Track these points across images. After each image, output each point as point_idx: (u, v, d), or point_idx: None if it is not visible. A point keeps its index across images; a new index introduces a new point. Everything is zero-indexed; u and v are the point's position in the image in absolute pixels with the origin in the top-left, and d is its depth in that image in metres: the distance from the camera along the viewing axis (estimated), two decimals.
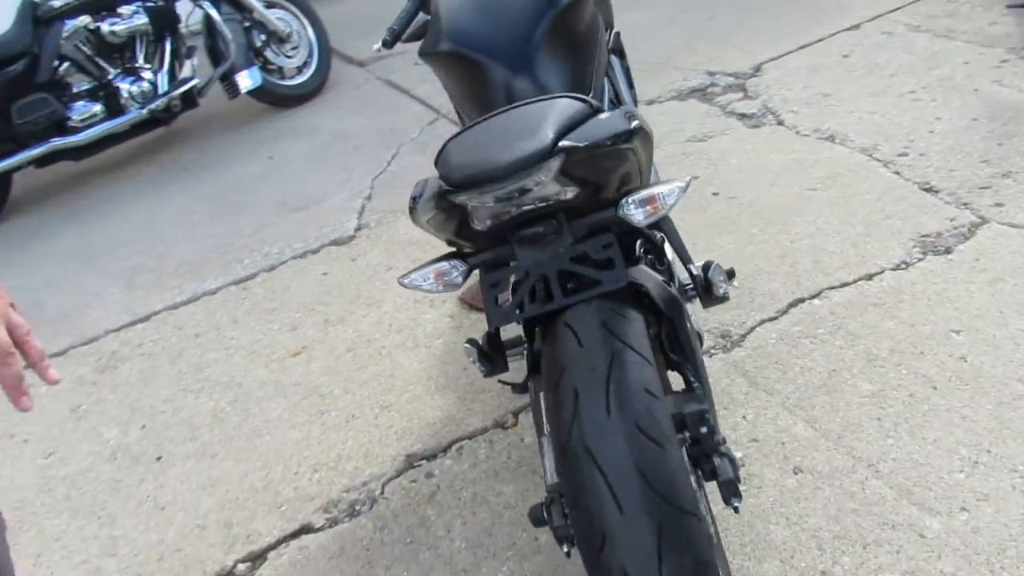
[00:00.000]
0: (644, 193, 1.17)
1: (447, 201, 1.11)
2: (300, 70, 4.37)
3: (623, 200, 1.17)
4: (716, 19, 4.34)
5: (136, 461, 2.21)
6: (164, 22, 3.84)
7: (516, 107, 1.20)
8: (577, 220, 1.17)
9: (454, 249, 1.29)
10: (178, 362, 2.58)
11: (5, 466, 2.30)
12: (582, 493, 1.10)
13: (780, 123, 3.23)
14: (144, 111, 3.80)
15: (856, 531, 1.63)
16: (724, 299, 1.48)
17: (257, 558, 1.86)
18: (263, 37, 4.15)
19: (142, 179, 3.94)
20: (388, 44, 1.83)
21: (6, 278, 3.30)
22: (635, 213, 1.17)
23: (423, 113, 3.97)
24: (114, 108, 3.78)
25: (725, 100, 3.50)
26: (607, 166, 1.15)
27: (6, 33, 3.59)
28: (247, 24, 4.07)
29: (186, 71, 4.00)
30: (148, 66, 3.86)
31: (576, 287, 1.19)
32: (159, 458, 2.20)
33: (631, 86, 2.18)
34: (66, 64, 3.70)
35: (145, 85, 3.81)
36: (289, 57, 4.30)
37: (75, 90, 3.73)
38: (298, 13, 4.33)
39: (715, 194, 2.85)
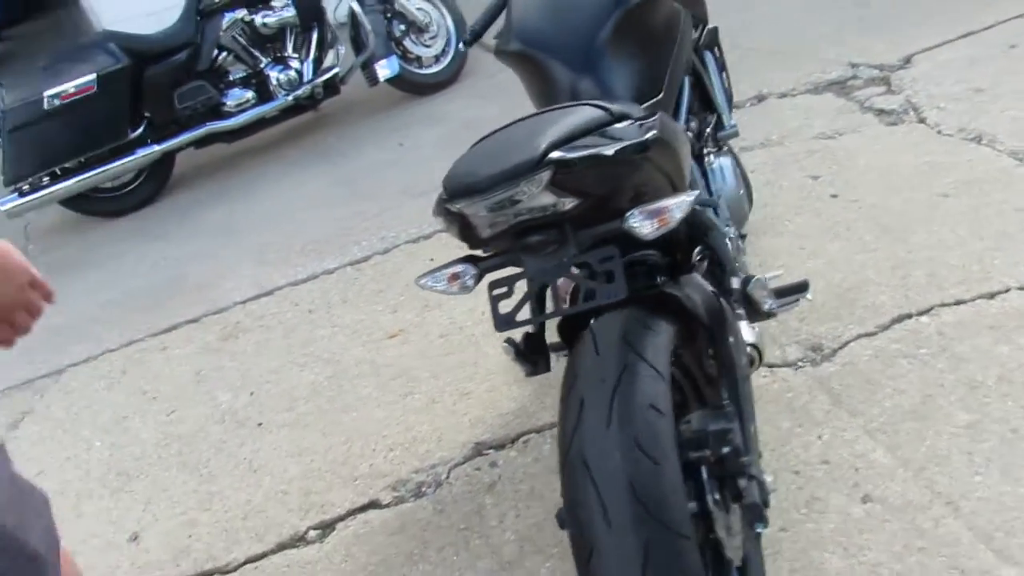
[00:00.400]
0: (652, 206, 1.14)
1: (446, 209, 1.14)
2: (437, 59, 4.51)
3: (629, 212, 1.14)
4: (872, 5, 4.04)
5: (240, 425, 2.41)
6: (311, 14, 4.09)
7: (532, 116, 1.20)
8: (584, 230, 1.16)
9: (470, 252, 1.31)
10: (290, 336, 2.77)
11: (134, 419, 2.57)
12: (575, 504, 1.10)
13: (921, 120, 2.98)
14: (290, 98, 4.07)
15: (919, 571, 1.51)
16: (770, 315, 1.41)
17: (327, 527, 1.98)
18: (403, 27, 4.31)
19: (286, 162, 4.23)
20: (468, 43, 1.87)
21: (161, 249, 3.67)
22: (641, 226, 1.14)
23: None
24: (264, 94, 4.07)
25: (864, 95, 3.27)
26: (612, 178, 1.12)
27: (174, 26, 3.96)
28: (389, 15, 4.24)
29: (329, 60, 4.24)
30: (295, 55, 4.12)
31: (587, 296, 1.18)
32: (260, 424, 2.39)
33: (725, 83, 2.10)
34: (224, 54, 4.02)
35: (292, 73, 4.07)
36: (427, 46, 4.44)
37: (230, 78, 4.05)
38: (438, 3, 4.46)
39: (834, 196, 2.68)
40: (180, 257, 3.56)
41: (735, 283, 1.40)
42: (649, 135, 1.12)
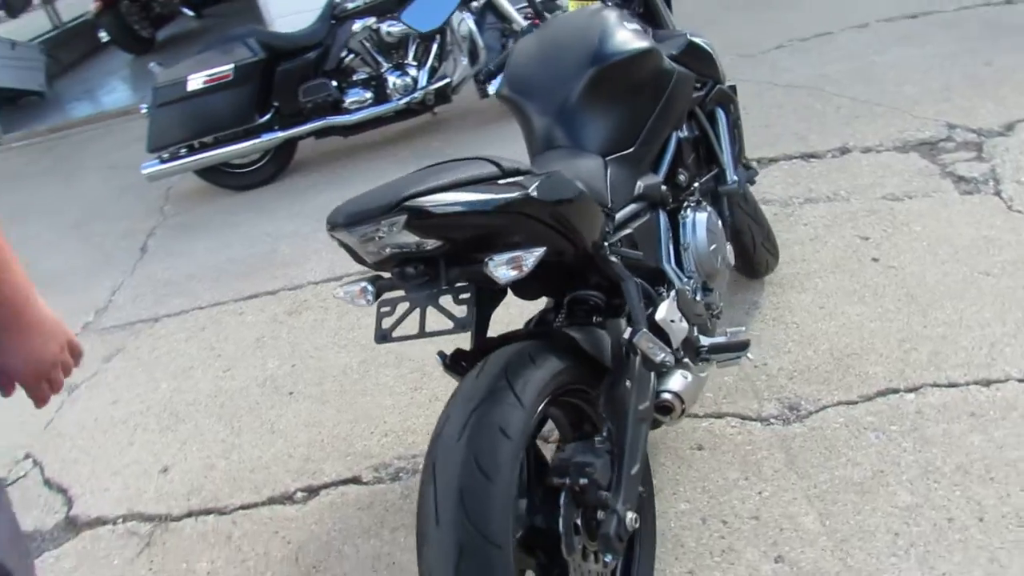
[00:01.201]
0: (508, 255, 1.28)
1: (332, 236, 1.32)
2: None
3: (489, 257, 1.28)
4: (993, 64, 3.85)
5: (276, 391, 2.72)
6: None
7: (431, 165, 1.36)
8: (455, 267, 1.31)
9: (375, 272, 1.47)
10: (341, 320, 3.06)
11: (198, 371, 2.94)
12: (420, 500, 1.27)
13: (997, 193, 2.86)
14: (403, 101, 4.40)
15: None
16: (662, 366, 1.50)
17: (312, 492, 2.23)
18: None
19: (395, 159, 4.56)
20: (481, 83, 2.05)
21: (266, 225, 4.08)
22: (497, 271, 1.28)
23: None
24: (380, 96, 4.42)
25: (950, 159, 3.16)
26: (471, 227, 1.26)
27: (310, 27, 4.38)
28: (506, 34, 4.48)
29: (445, 70, 4.53)
30: (414, 63, 4.44)
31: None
32: (291, 393, 2.69)
33: (735, 141, 2.16)
34: (350, 56, 4.41)
35: (408, 79, 4.39)
36: None
37: (353, 78, 4.42)
38: None
39: (875, 260, 2.64)
40: (279, 234, 3.96)
41: (626, 333, 1.50)
42: (515, 195, 1.26)
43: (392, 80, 4.40)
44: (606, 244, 1.54)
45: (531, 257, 1.27)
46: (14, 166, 6.28)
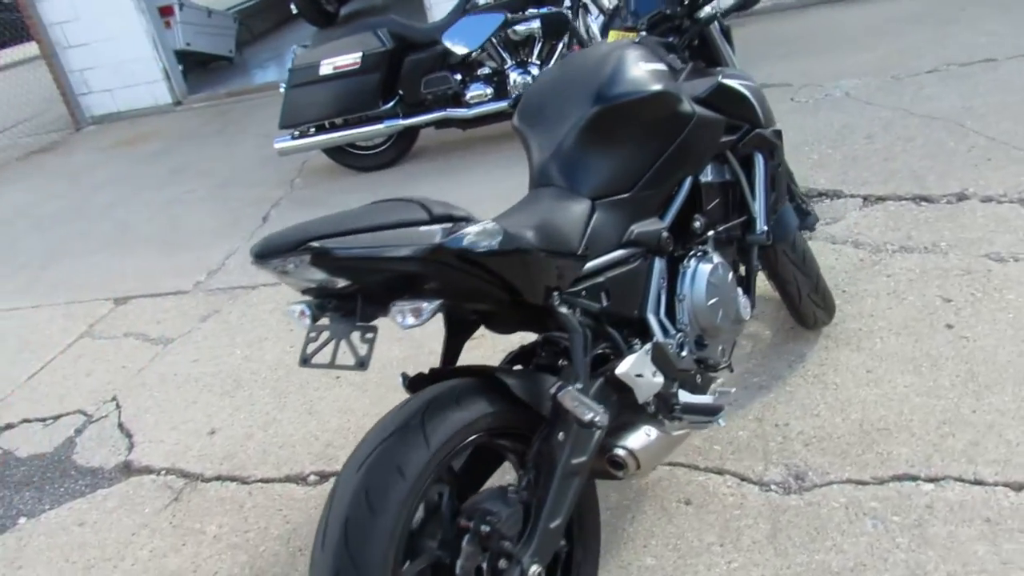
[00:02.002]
0: (410, 304, 1.29)
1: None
2: None
3: (393, 302, 1.31)
4: None
5: (326, 374, 2.89)
6: (555, 28, 4.39)
7: (366, 205, 1.39)
8: (372, 305, 1.34)
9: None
10: None
11: (269, 342, 3.17)
12: (320, 519, 1.34)
13: None
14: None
15: None
16: (590, 425, 1.47)
17: (324, 477, 2.37)
18: None
19: (505, 154, 4.62)
20: (512, 106, 2.05)
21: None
22: (397, 317, 1.30)
23: None
24: (500, 92, 4.48)
25: None
26: (377, 271, 1.29)
27: (441, 20, 4.52)
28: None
29: None
30: (536, 62, 4.47)
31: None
32: (337, 377, 2.84)
33: (772, 189, 2.04)
34: (476, 51, 4.50)
35: (528, 78, 4.43)
36: None
37: (476, 73, 4.52)
38: None
39: (949, 326, 2.41)
40: None
41: (553, 387, 1.48)
42: (423, 244, 1.27)
43: (513, 77, 4.45)
44: (557, 293, 1.53)
45: (431, 307, 1.30)
46: (191, 125, 6.94)
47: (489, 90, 4.50)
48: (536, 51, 4.49)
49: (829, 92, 4.36)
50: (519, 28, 4.41)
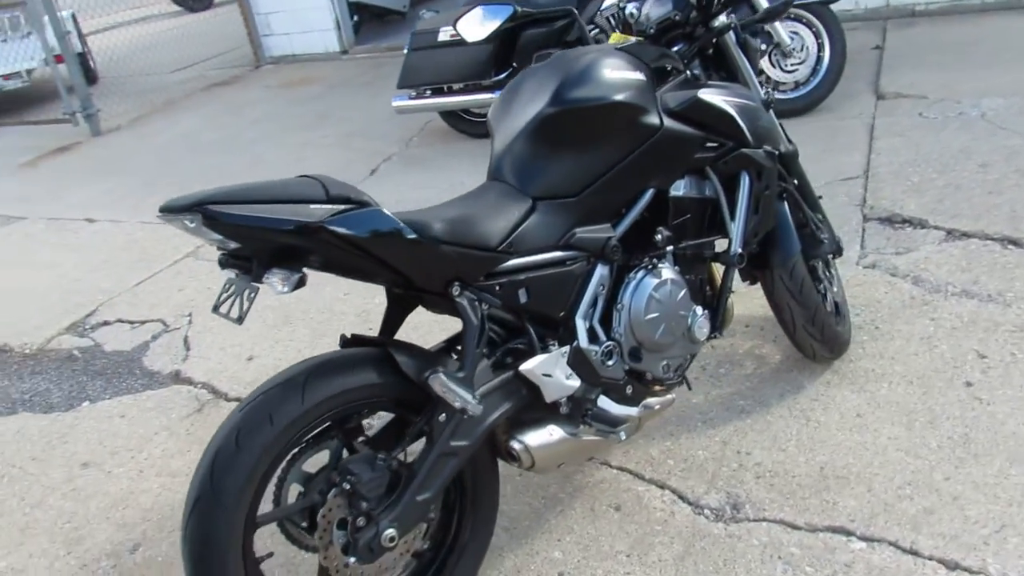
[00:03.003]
0: (279, 272, 1.41)
1: None
2: (797, 86, 4.35)
3: (271, 269, 1.43)
4: None
5: (364, 324, 3.10)
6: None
7: (287, 178, 1.50)
8: (261, 267, 1.46)
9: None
10: None
11: (327, 288, 3.42)
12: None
13: None
14: None
15: None
16: (461, 412, 1.54)
17: None
18: (763, 46, 4.24)
19: None
20: None
21: (469, 173, 4.43)
22: (269, 282, 1.42)
23: (852, 165, 3.64)
24: None
25: None
26: (260, 239, 1.40)
27: None
28: (754, 32, 4.21)
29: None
30: None
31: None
32: (370, 329, 3.03)
33: (754, 212, 1.97)
34: (595, 31, 4.48)
35: None
36: (786, 71, 4.31)
37: None
38: (820, 31, 4.25)
39: (968, 384, 2.23)
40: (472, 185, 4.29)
41: (427, 372, 1.54)
42: (305, 220, 1.37)
43: None
44: (459, 284, 1.59)
45: (294, 278, 1.42)
46: (348, 74, 7.38)
47: None
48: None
49: (964, 110, 3.98)
50: (635, 11, 4.34)
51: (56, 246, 4.45)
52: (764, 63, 4.30)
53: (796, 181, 2.25)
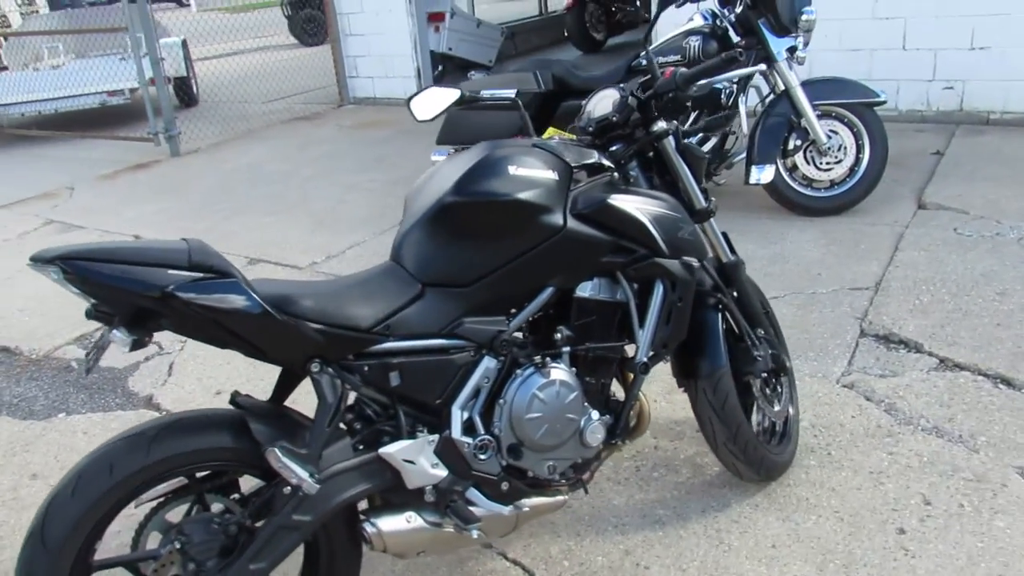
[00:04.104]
0: (121, 332, 1.46)
1: None
2: (832, 185, 4.22)
3: (116, 327, 1.48)
4: None
5: None
6: (708, 101, 4.25)
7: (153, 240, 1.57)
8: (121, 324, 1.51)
9: None
10: None
11: None
12: None
13: None
14: None
15: None
16: (296, 488, 1.54)
17: None
18: (798, 142, 4.15)
19: None
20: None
21: None
22: (117, 339, 1.47)
23: (866, 275, 3.49)
24: None
25: None
26: (122, 300, 1.45)
27: (612, 69, 4.57)
28: (792, 126, 4.13)
29: (730, 144, 4.36)
30: (686, 130, 4.36)
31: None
32: None
33: (666, 323, 1.91)
34: None
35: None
36: (822, 169, 4.19)
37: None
38: (861, 132, 4.13)
39: (900, 532, 2.09)
40: None
41: (268, 444, 1.56)
42: (152, 286, 1.42)
43: None
44: (319, 362, 1.61)
45: (129, 340, 1.47)
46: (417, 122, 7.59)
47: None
48: (696, 116, 4.38)
49: (1002, 231, 3.77)
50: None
51: None
52: (799, 158, 4.20)
53: (736, 293, 2.18)
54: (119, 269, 1.46)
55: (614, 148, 2.03)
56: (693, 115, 4.33)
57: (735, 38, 4.20)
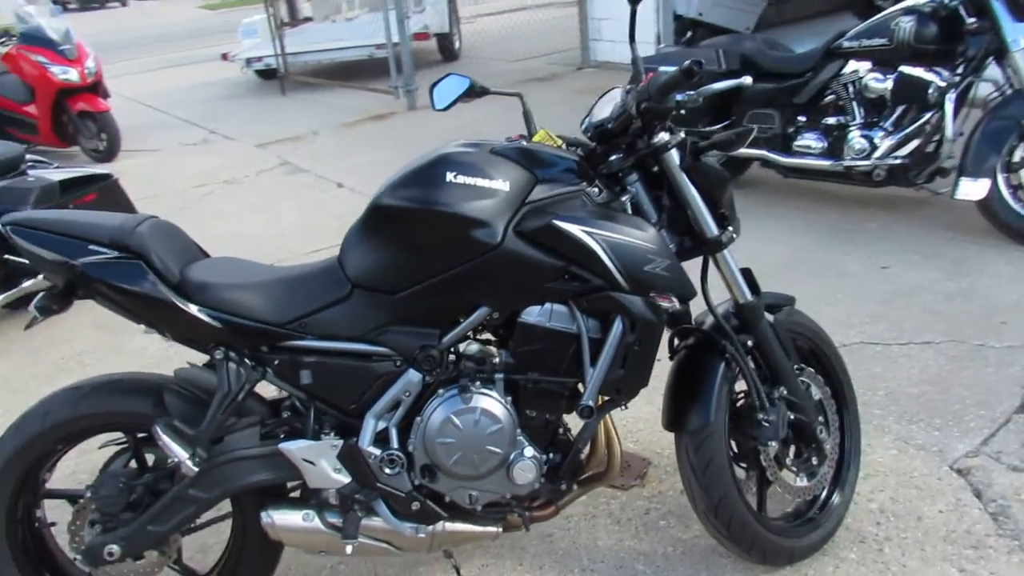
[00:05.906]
0: (39, 299, 1.56)
1: None
2: None
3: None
4: None
5: None
6: (910, 96, 3.56)
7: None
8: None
9: None
10: None
11: None
12: None
13: None
14: (845, 163, 3.78)
15: None
16: (175, 467, 1.57)
17: None
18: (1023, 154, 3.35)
19: (803, 215, 4.03)
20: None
21: None
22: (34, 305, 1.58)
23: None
24: (833, 149, 3.86)
25: None
26: (44, 268, 1.56)
27: (802, 54, 4.02)
28: (1022, 131, 3.36)
29: (929, 149, 3.67)
30: (888, 128, 3.70)
31: None
32: None
33: (620, 366, 1.66)
34: (830, 96, 3.92)
35: (864, 143, 3.72)
36: None
37: (821, 120, 3.94)
38: None
39: None
40: None
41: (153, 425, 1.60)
42: (61, 259, 1.52)
43: (853, 137, 3.79)
44: (223, 348, 1.62)
45: (36, 304, 1.58)
46: (590, 84, 7.38)
47: (821, 144, 3.92)
48: (894, 116, 3.72)
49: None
50: (874, 83, 3.71)
51: (294, 200, 5.17)
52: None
53: (752, 342, 1.84)
54: (48, 239, 1.60)
55: (612, 159, 1.79)
56: (898, 111, 3.70)
57: (967, 19, 3.50)
